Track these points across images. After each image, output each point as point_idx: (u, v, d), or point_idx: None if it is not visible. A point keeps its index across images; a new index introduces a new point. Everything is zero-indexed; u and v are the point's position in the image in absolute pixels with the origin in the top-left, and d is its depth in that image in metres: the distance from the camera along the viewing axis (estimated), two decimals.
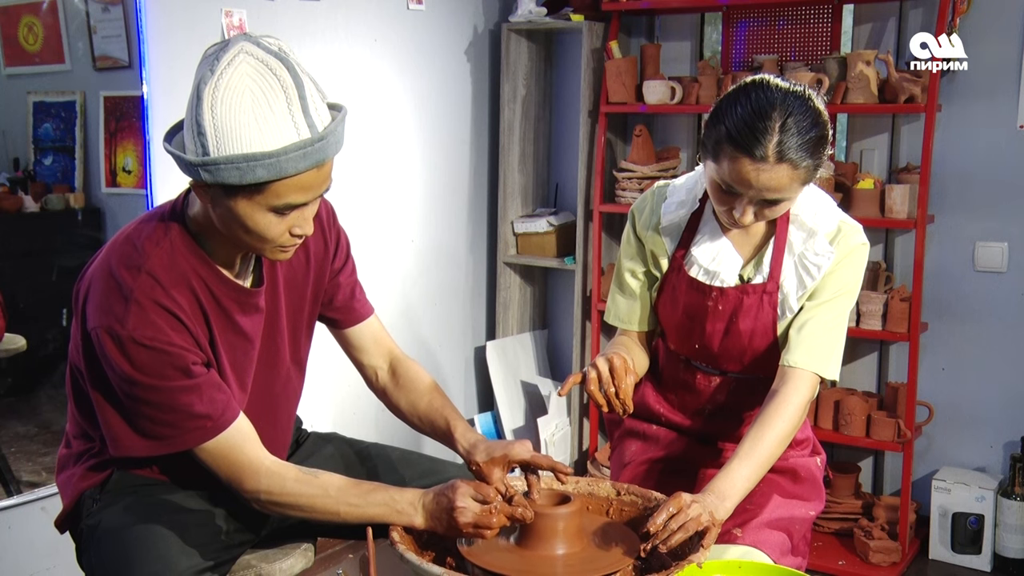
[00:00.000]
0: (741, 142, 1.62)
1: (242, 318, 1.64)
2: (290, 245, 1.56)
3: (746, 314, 1.81)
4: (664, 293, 1.91)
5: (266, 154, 1.40)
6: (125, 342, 1.49)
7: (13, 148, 3.27)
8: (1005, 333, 3.39)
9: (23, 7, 3.20)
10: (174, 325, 1.53)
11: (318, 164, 1.46)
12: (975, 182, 3.38)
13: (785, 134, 1.61)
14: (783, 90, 1.66)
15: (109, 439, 1.60)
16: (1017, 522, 3.23)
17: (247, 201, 1.46)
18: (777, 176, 1.63)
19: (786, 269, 1.80)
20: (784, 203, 1.70)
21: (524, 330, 4.17)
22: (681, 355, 1.94)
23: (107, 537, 1.63)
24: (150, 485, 1.72)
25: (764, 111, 1.62)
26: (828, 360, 1.76)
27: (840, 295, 1.79)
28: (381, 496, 1.58)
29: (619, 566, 1.46)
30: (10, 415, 3.24)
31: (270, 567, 1.77)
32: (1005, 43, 3.27)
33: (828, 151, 1.69)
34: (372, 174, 3.54)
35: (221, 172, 1.41)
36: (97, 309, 1.53)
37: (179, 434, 1.56)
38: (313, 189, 1.49)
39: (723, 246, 1.83)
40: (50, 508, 2.65)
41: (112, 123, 3.15)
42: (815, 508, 1.88)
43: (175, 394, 1.53)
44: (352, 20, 3.39)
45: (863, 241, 1.82)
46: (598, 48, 3.81)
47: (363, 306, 1.91)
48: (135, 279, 1.52)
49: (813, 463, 1.92)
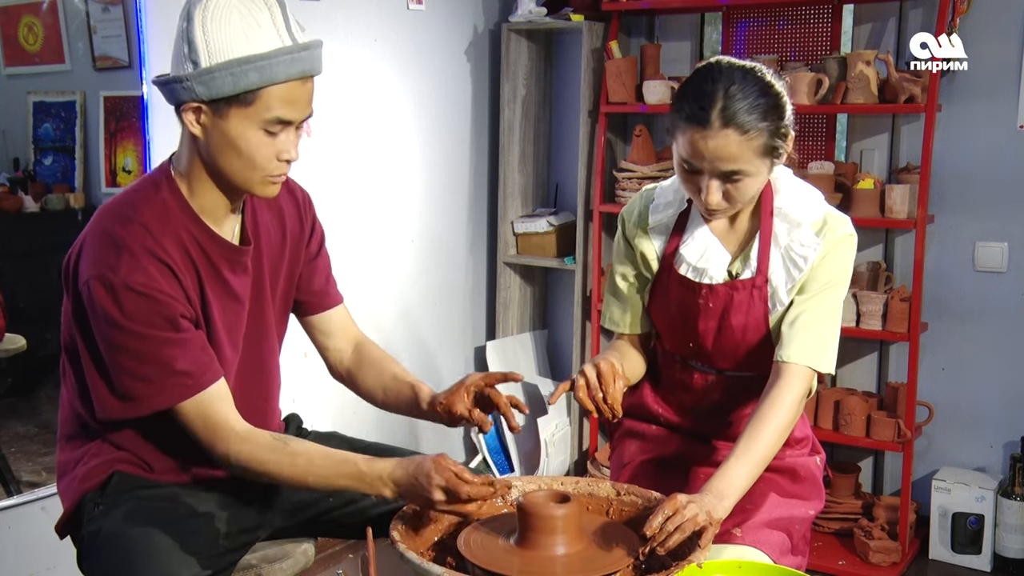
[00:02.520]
0: (689, 113, 1.67)
1: (232, 277, 1.68)
2: (278, 175, 1.62)
3: (737, 310, 1.81)
4: (656, 294, 1.91)
5: (257, 56, 1.51)
6: (117, 288, 1.53)
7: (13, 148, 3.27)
8: (1005, 333, 3.39)
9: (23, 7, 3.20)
10: (165, 274, 1.57)
11: (303, 74, 1.56)
12: (975, 182, 3.38)
13: (729, 100, 1.64)
14: (732, 64, 1.70)
15: (94, 403, 1.62)
16: (1017, 522, 3.23)
17: (240, 117, 1.54)
18: (724, 142, 1.64)
19: (773, 262, 1.80)
20: (747, 179, 1.69)
21: (524, 330, 4.17)
22: (677, 355, 1.94)
23: (108, 545, 1.63)
24: (151, 487, 1.72)
25: (709, 81, 1.67)
26: (822, 353, 1.76)
27: (830, 287, 1.78)
28: (350, 468, 1.59)
29: (619, 566, 1.46)
30: (10, 415, 3.24)
31: (270, 567, 1.77)
32: (1005, 43, 3.27)
33: (787, 123, 1.69)
34: (372, 174, 3.54)
35: (215, 80, 1.51)
36: (89, 262, 1.57)
37: (157, 392, 1.57)
38: (299, 105, 1.58)
39: (710, 243, 1.84)
40: (50, 508, 2.65)
41: (112, 123, 3.16)
42: (815, 507, 1.88)
43: (160, 345, 1.55)
44: (352, 20, 3.39)
45: (850, 232, 1.81)
46: (598, 48, 3.81)
47: (336, 293, 1.96)
48: (127, 229, 1.57)
49: (812, 462, 1.92)
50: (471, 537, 1.54)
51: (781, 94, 1.70)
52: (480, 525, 1.58)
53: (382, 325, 3.64)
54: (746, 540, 1.74)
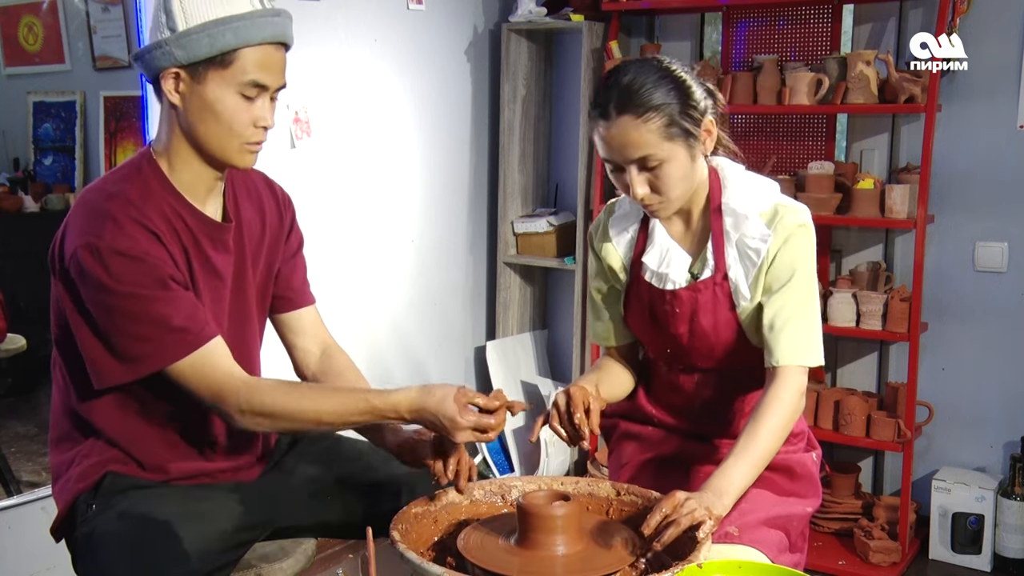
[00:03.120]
0: (595, 112, 1.72)
1: (214, 254, 1.70)
2: (255, 142, 1.65)
3: (704, 310, 1.82)
4: (629, 304, 1.93)
5: (233, 17, 1.57)
6: (104, 253, 1.55)
7: (13, 148, 3.27)
8: (1005, 333, 3.39)
9: (23, 7, 3.20)
10: (151, 239, 1.60)
11: (276, 38, 1.63)
12: (975, 182, 3.38)
13: (623, 89, 1.68)
14: (635, 59, 1.76)
15: (92, 372, 1.62)
16: (1017, 522, 3.23)
17: (217, 80, 1.59)
18: (624, 130, 1.67)
19: (729, 258, 1.80)
20: (665, 165, 1.70)
21: (524, 330, 4.17)
22: (659, 360, 1.95)
23: (101, 546, 1.63)
24: (145, 487, 1.71)
25: (609, 78, 1.72)
26: (808, 348, 1.76)
27: (795, 280, 1.76)
28: (362, 404, 1.61)
29: (619, 566, 1.46)
30: (10, 415, 3.25)
31: (270, 567, 1.77)
32: (1005, 43, 3.27)
33: (696, 105, 1.71)
34: (372, 174, 3.54)
35: (192, 42, 1.57)
36: (74, 235, 1.59)
37: (157, 350, 1.57)
38: (273, 70, 1.63)
39: (670, 247, 1.85)
40: (50, 508, 2.65)
41: (112, 123, 3.16)
42: (812, 504, 1.88)
43: (153, 304, 1.56)
44: (352, 20, 3.39)
45: (802, 222, 1.78)
46: (598, 48, 3.81)
47: (310, 294, 1.97)
48: (110, 201, 1.60)
49: (808, 459, 1.91)
50: (471, 537, 1.54)
51: (683, 78, 1.72)
52: (480, 525, 1.58)
53: (382, 325, 3.64)
54: (744, 539, 1.74)
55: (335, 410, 1.61)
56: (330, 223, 3.35)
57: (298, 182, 3.17)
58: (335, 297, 3.31)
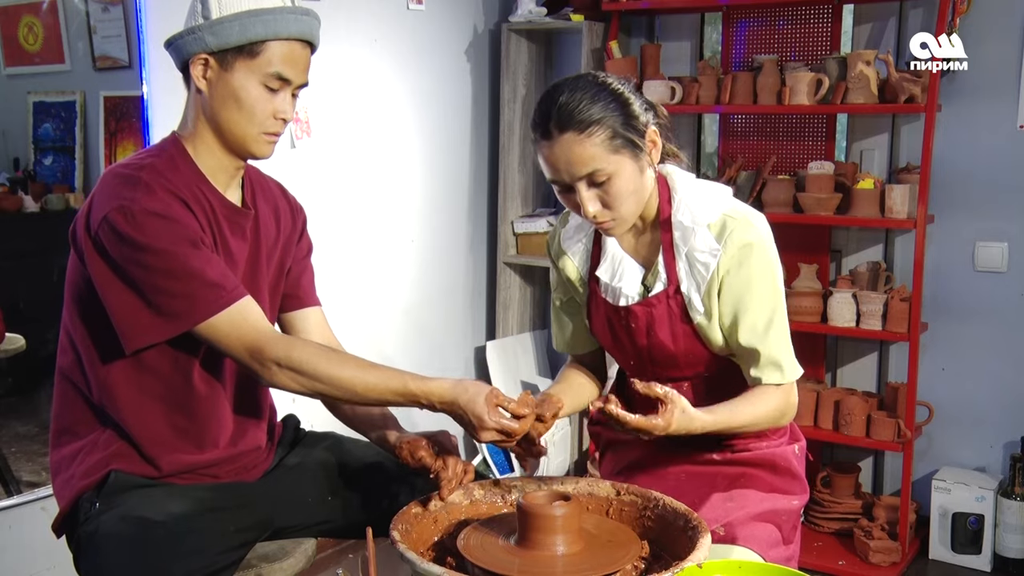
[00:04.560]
0: (536, 133, 1.70)
1: (231, 239, 1.74)
2: (274, 133, 1.71)
3: (660, 324, 1.81)
4: (592, 317, 1.93)
5: (264, 10, 1.65)
6: (136, 214, 1.58)
7: (13, 148, 3.27)
8: (1005, 333, 3.39)
9: (23, 7, 3.20)
10: (180, 205, 1.64)
11: (303, 36, 1.69)
12: (975, 182, 3.38)
13: (561, 107, 1.66)
14: (570, 77, 1.73)
15: (123, 334, 1.63)
16: (1017, 522, 3.23)
17: (244, 69, 1.66)
18: (568, 147, 1.65)
19: (681, 272, 1.78)
20: (613, 179, 1.67)
21: (524, 330, 4.17)
22: (627, 370, 1.96)
23: (104, 545, 1.63)
24: (147, 487, 1.71)
25: (546, 98, 1.70)
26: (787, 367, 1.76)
27: (754, 299, 1.74)
28: (398, 384, 1.62)
29: (619, 566, 1.46)
30: (10, 415, 3.24)
31: (270, 567, 1.77)
32: (1005, 43, 3.27)
33: (637, 117, 1.69)
34: (372, 174, 3.54)
35: (224, 30, 1.64)
36: (106, 200, 1.62)
37: (193, 305, 1.59)
38: (298, 67, 1.70)
39: (622, 260, 1.84)
40: (50, 508, 2.65)
41: (112, 123, 3.16)
42: (799, 498, 1.88)
43: (188, 260, 1.59)
44: (352, 20, 3.39)
45: (750, 240, 1.73)
46: (598, 48, 3.81)
47: (316, 297, 2.00)
48: (142, 171, 1.65)
49: (790, 451, 1.90)
50: (471, 537, 1.54)
51: (620, 91, 1.70)
52: (480, 525, 1.59)
53: (382, 325, 3.64)
54: (732, 538, 1.73)
55: (374, 385, 1.63)
56: (330, 223, 3.35)
57: (298, 182, 3.16)
58: (335, 297, 3.31)
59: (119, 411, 1.71)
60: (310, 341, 1.72)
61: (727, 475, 1.85)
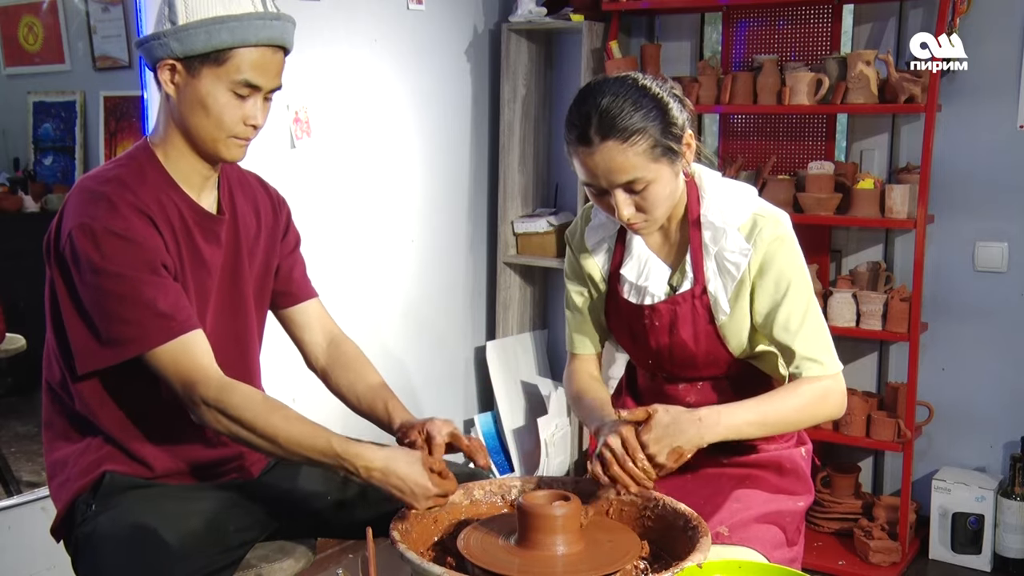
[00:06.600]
0: (573, 135, 1.67)
1: (204, 245, 1.72)
2: (244, 138, 1.68)
3: (683, 323, 1.80)
4: (610, 314, 1.92)
5: (230, 16, 1.60)
6: (97, 233, 1.57)
7: (13, 148, 3.27)
8: (1005, 333, 3.39)
9: (23, 7, 3.20)
10: (145, 224, 1.62)
11: (273, 41, 1.65)
12: (975, 182, 3.38)
13: (603, 113, 1.63)
14: (606, 79, 1.70)
15: (76, 357, 1.62)
16: (1017, 522, 3.23)
17: (211, 77, 1.62)
18: (609, 155, 1.63)
19: (709, 271, 1.78)
20: (651, 186, 1.66)
21: (524, 330, 4.17)
22: (643, 368, 1.95)
23: (101, 547, 1.62)
24: (144, 488, 1.71)
25: (585, 100, 1.67)
26: (828, 355, 1.74)
27: (789, 292, 1.74)
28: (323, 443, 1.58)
29: (619, 566, 1.46)
30: (10, 415, 3.25)
31: (270, 567, 1.77)
32: (1005, 43, 3.27)
33: (676, 123, 1.67)
34: (372, 174, 3.54)
35: (190, 37, 1.60)
36: (71, 216, 1.60)
37: (140, 334, 1.57)
38: (268, 73, 1.66)
39: (648, 259, 1.83)
40: (50, 508, 2.64)
41: (112, 123, 3.16)
42: (804, 500, 1.88)
43: (141, 286, 1.57)
44: (352, 20, 3.39)
45: (780, 234, 1.75)
46: (598, 48, 3.81)
47: (311, 288, 1.98)
48: (106, 186, 1.62)
49: (798, 454, 1.90)
50: (471, 537, 1.54)
51: (660, 95, 1.67)
52: (480, 525, 1.58)
53: (382, 325, 3.64)
54: (736, 539, 1.73)
55: (297, 440, 1.58)
56: (330, 223, 3.35)
57: (298, 182, 3.17)
58: (335, 297, 3.31)
59: (100, 420, 1.71)
60: (253, 389, 1.62)
61: (733, 476, 1.85)
